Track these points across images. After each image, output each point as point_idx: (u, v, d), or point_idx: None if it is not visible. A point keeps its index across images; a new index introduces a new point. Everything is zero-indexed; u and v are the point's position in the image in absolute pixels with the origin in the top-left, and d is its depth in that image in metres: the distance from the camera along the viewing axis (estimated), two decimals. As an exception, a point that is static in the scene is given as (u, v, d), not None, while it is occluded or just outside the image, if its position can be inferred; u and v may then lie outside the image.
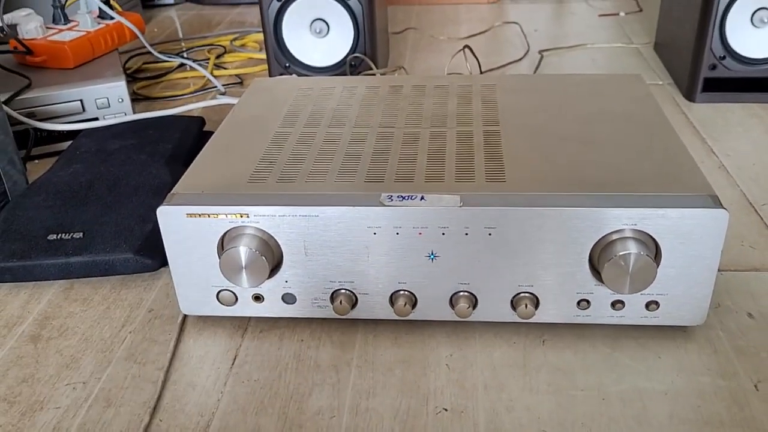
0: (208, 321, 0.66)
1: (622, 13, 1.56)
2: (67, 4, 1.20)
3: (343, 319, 0.64)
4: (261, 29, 1.16)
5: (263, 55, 1.33)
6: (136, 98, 1.19)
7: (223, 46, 1.42)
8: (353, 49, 1.14)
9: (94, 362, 0.61)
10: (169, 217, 0.59)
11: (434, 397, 0.56)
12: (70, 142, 0.96)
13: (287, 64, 1.16)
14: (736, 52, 1.04)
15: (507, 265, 0.58)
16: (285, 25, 1.14)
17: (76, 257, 0.70)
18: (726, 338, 0.61)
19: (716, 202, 0.55)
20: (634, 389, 0.56)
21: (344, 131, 0.70)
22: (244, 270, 0.59)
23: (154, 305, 0.68)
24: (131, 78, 1.27)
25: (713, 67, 1.05)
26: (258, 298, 0.62)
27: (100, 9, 1.22)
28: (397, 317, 0.62)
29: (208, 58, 1.33)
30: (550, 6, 1.66)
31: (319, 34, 1.14)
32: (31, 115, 0.98)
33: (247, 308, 0.63)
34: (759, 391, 0.56)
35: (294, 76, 1.15)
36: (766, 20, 1.02)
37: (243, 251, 0.58)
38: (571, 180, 0.59)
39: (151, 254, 0.71)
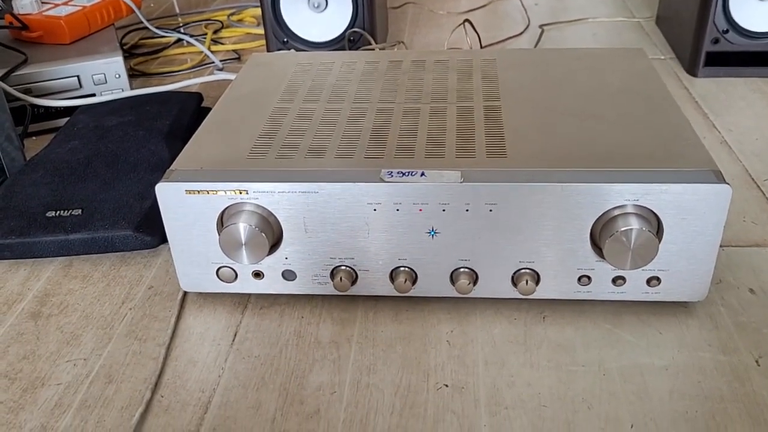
0: (208, 298, 0.65)
1: (623, -13, 1.54)
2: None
3: (343, 295, 0.64)
4: (258, 4, 1.15)
5: (261, 31, 1.32)
6: (133, 74, 1.18)
7: (221, 21, 1.40)
8: (352, 24, 1.13)
9: (94, 339, 0.61)
10: (168, 194, 0.59)
11: (435, 373, 0.57)
12: (67, 119, 0.96)
13: (285, 39, 1.15)
14: (739, 26, 1.02)
15: (508, 242, 0.58)
16: (283, -1, 1.12)
17: (75, 234, 0.70)
18: (727, 314, 0.61)
19: (719, 177, 0.55)
20: (634, 365, 0.56)
21: (344, 107, 0.70)
22: (243, 247, 0.58)
23: (153, 282, 0.68)
24: (128, 54, 1.26)
25: (716, 41, 1.04)
26: (258, 274, 0.62)
27: (95, -17, 1.20)
28: (397, 294, 0.62)
29: (205, 34, 1.32)
30: (551, -20, 1.64)
31: (318, 9, 1.13)
32: (27, 92, 0.97)
33: (247, 285, 0.63)
34: (760, 366, 0.56)
35: (292, 51, 1.14)
36: (769, -7, 1.00)
37: (242, 228, 0.58)
38: (572, 155, 0.59)
39: (150, 231, 0.71)
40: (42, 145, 0.91)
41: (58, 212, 0.72)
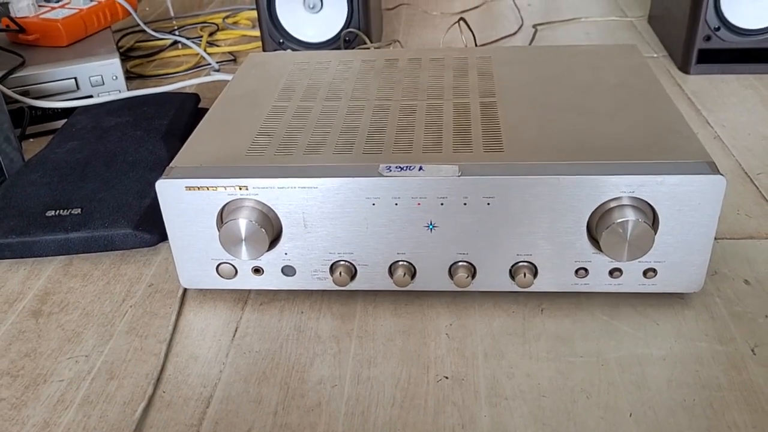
0: (208, 294, 0.66)
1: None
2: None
3: (342, 290, 0.65)
4: (253, 6, 1.15)
5: (256, 33, 1.32)
6: (130, 77, 1.18)
7: (216, 24, 1.41)
8: (347, 25, 1.14)
9: (95, 336, 0.62)
10: (168, 191, 0.59)
11: (435, 365, 0.57)
12: (64, 121, 0.96)
13: (281, 40, 1.15)
14: (730, 23, 1.03)
15: (505, 235, 0.59)
16: (279, 0, 1.13)
17: (75, 233, 0.70)
18: (723, 304, 0.62)
19: (713, 169, 0.56)
20: (632, 355, 0.57)
21: (341, 104, 0.70)
22: (243, 242, 0.59)
23: (153, 280, 0.68)
24: (124, 56, 1.26)
25: (708, 39, 1.05)
26: (258, 270, 0.63)
27: (91, -14, 1.21)
28: (396, 288, 0.62)
29: (201, 36, 1.33)
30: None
31: (313, 10, 1.13)
32: (25, 94, 0.97)
33: (246, 281, 0.63)
34: (756, 355, 0.56)
35: (289, 51, 1.15)
36: (760, -9, 1.01)
37: (242, 224, 0.58)
38: (568, 149, 0.59)
39: (149, 229, 0.71)
40: (40, 147, 0.92)
41: (58, 211, 0.72)
